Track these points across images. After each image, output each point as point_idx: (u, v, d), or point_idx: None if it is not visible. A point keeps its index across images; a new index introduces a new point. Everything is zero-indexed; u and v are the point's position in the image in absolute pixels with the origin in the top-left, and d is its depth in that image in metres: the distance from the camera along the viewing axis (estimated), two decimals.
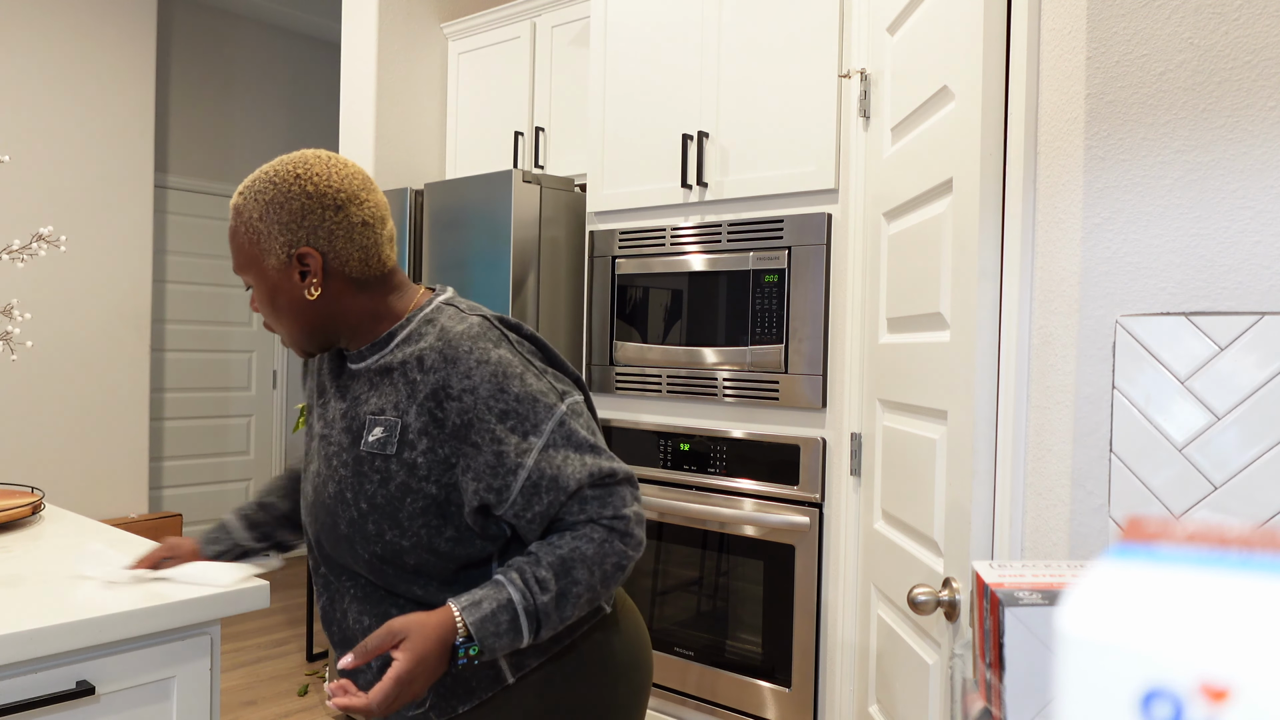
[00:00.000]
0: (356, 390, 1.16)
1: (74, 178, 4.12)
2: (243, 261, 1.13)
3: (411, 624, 1.00)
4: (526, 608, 1.04)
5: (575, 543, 1.07)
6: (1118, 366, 1.05)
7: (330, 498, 1.14)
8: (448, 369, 1.08)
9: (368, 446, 1.11)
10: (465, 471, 1.08)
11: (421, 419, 1.08)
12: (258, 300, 1.15)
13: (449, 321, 1.13)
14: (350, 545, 1.13)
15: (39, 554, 1.53)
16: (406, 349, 1.13)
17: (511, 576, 1.05)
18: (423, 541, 1.10)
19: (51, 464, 4.07)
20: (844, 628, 2.06)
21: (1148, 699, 0.21)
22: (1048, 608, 0.78)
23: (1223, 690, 0.20)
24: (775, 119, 2.26)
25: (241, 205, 1.12)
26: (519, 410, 1.08)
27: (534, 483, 1.07)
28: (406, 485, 1.09)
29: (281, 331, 1.16)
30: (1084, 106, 1.11)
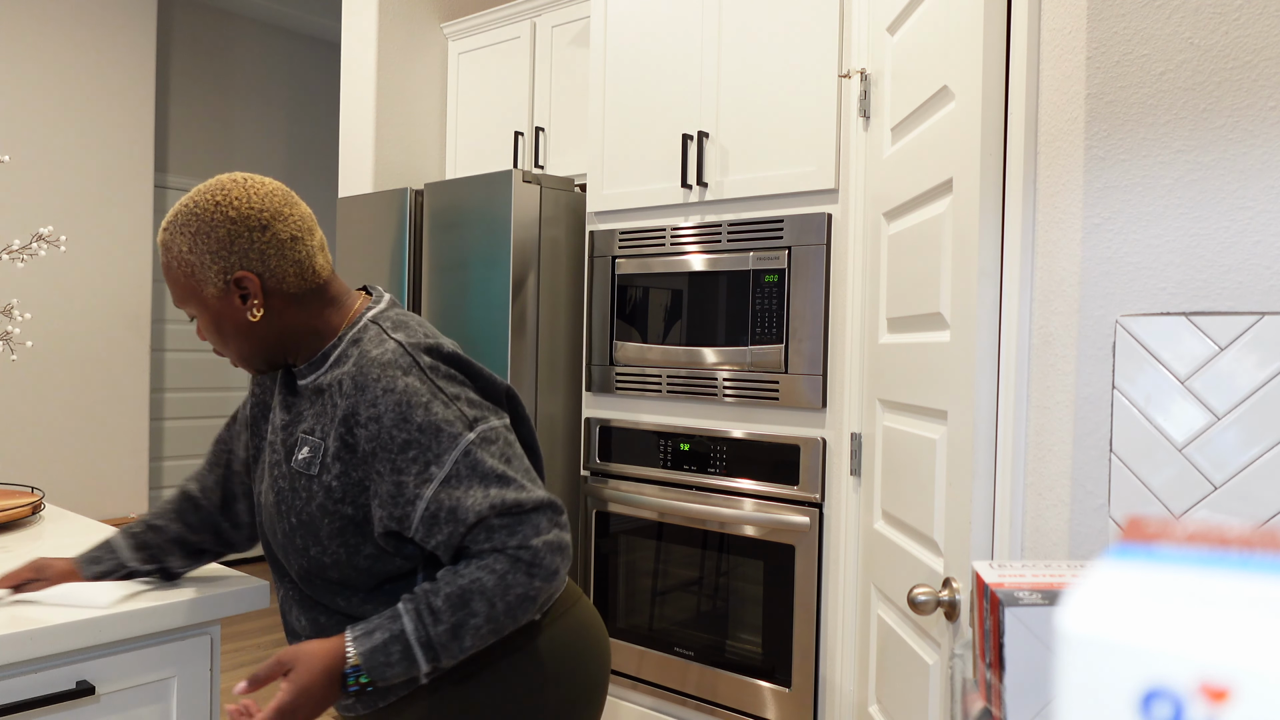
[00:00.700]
0: (299, 407, 1.18)
1: (74, 178, 4.12)
2: (181, 295, 1.15)
3: (300, 654, 1.04)
4: (420, 639, 1.04)
5: (478, 574, 1.06)
6: (1118, 366, 1.05)
7: (272, 507, 1.18)
8: (357, 396, 1.09)
9: (297, 464, 1.15)
10: (375, 496, 1.10)
11: (336, 443, 1.11)
12: (203, 329, 1.17)
13: (368, 345, 1.15)
14: (285, 553, 1.17)
15: (39, 554, 1.53)
16: (337, 370, 1.15)
17: (408, 607, 1.06)
18: (342, 559, 1.13)
19: (51, 464, 4.07)
20: (844, 628, 2.06)
21: (1148, 699, 0.21)
22: (1048, 608, 0.78)
23: (1223, 690, 0.20)
24: (775, 119, 2.26)
25: (169, 241, 1.13)
26: (421, 441, 1.07)
27: (432, 514, 1.07)
28: (324, 506, 1.12)
29: (232, 355, 1.18)
30: (1084, 106, 1.11)
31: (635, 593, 2.54)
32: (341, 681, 1.04)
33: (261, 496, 1.22)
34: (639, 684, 2.52)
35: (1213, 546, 0.25)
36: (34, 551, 1.55)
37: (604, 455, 2.62)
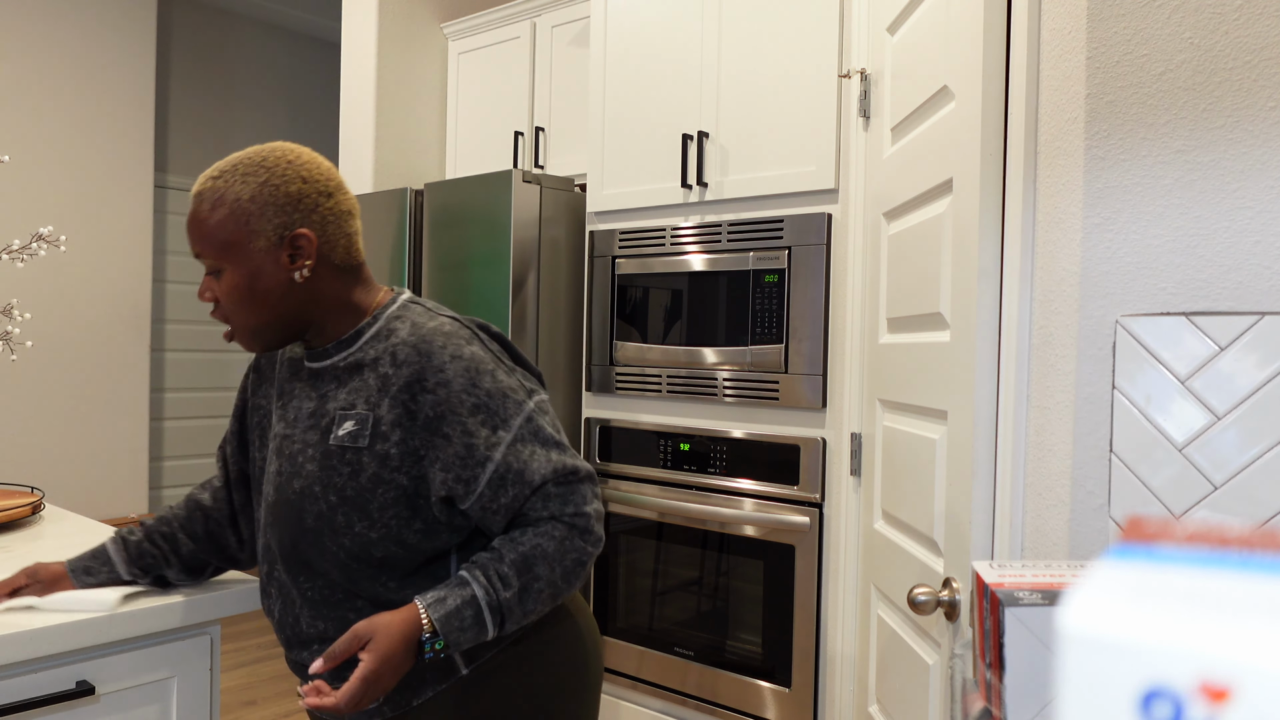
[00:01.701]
0: (323, 388, 1.17)
1: (74, 178, 4.12)
2: (220, 244, 1.12)
3: (376, 625, 1.04)
4: (490, 603, 1.07)
5: (537, 539, 1.10)
6: (1118, 366, 1.05)
7: (295, 494, 1.15)
8: (422, 362, 1.11)
9: (337, 440, 1.13)
10: (434, 463, 1.11)
11: (395, 411, 1.11)
12: (226, 286, 1.13)
13: (420, 318, 1.17)
14: (317, 539, 1.13)
15: (39, 554, 1.53)
16: (378, 345, 1.15)
17: (475, 573, 1.08)
18: (391, 533, 1.12)
19: (51, 464, 4.07)
20: (844, 628, 2.06)
21: (1148, 699, 0.21)
22: (1048, 608, 0.78)
23: (1223, 690, 0.20)
24: (775, 119, 2.26)
25: (224, 187, 1.12)
26: (489, 405, 1.11)
27: (500, 476, 1.10)
28: (378, 476, 1.11)
29: (245, 320, 1.14)
30: (1084, 106, 1.11)
31: (635, 593, 2.54)
32: (419, 649, 1.05)
33: (274, 491, 1.18)
34: (639, 684, 2.52)
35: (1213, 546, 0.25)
36: (34, 551, 1.55)
37: (604, 455, 2.62)
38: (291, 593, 1.18)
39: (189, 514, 1.32)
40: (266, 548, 1.20)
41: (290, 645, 1.20)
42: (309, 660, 1.18)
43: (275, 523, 1.18)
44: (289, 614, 1.19)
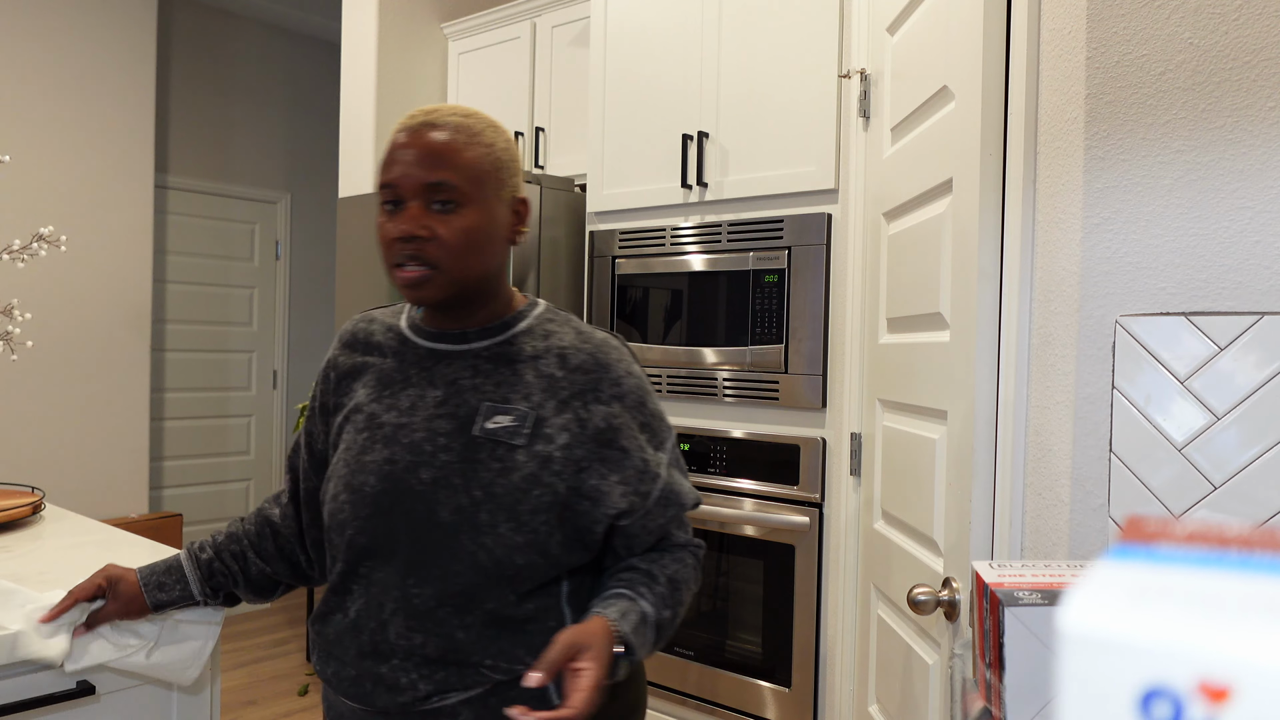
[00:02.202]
0: (452, 374, 1.10)
1: (74, 178, 4.12)
2: (471, 177, 1.05)
3: (588, 634, 0.96)
4: (658, 622, 1.05)
5: (676, 565, 1.11)
6: (1117, 366, 1.05)
7: (425, 484, 1.04)
8: (600, 373, 1.09)
9: (485, 432, 1.05)
10: (605, 476, 1.07)
11: (564, 416, 1.06)
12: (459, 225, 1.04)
13: (583, 327, 1.14)
14: (451, 536, 1.03)
15: (39, 554, 1.53)
16: (534, 342, 1.11)
17: (640, 590, 1.06)
18: (538, 540, 1.04)
19: (51, 464, 4.07)
20: (844, 628, 2.06)
21: (1147, 698, 0.21)
22: (1048, 608, 0.78)
23: (1223, 690, 0.20)
24: (775, 119, 2.26)
25: (477, 129, 1.07)
26: (653, 425, 1.12)
27: (665, 495, 1.11)
28: (535, 478, 1.04)
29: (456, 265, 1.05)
30: (1084, 106, 1.11)
31: None
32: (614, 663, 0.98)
33: (380, 480, 1.06)
34: None
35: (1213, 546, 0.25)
36: (34, 551, 1.55)
37: None
38: (388, 596, 1.05)
39: (259, 530, 1.23)
40: (352, 543, 1.07)
41: (361, 654, 1.06)
42: (375, 675, 1.04)
43: (382, 515, 1.05)
44: (372, 619, 1.06)
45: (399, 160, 1.05)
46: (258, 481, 5.16)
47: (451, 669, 1.03)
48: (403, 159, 1.04)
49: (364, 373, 1.15)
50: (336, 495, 1.09)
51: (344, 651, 1.08)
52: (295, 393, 5.32)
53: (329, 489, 1.11)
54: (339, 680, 1.08)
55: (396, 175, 1.04)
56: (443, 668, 1.03)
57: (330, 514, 1.10)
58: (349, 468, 1.09)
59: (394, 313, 1.20)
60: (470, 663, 1.03)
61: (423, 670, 1.03)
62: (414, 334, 1.14)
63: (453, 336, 1.12)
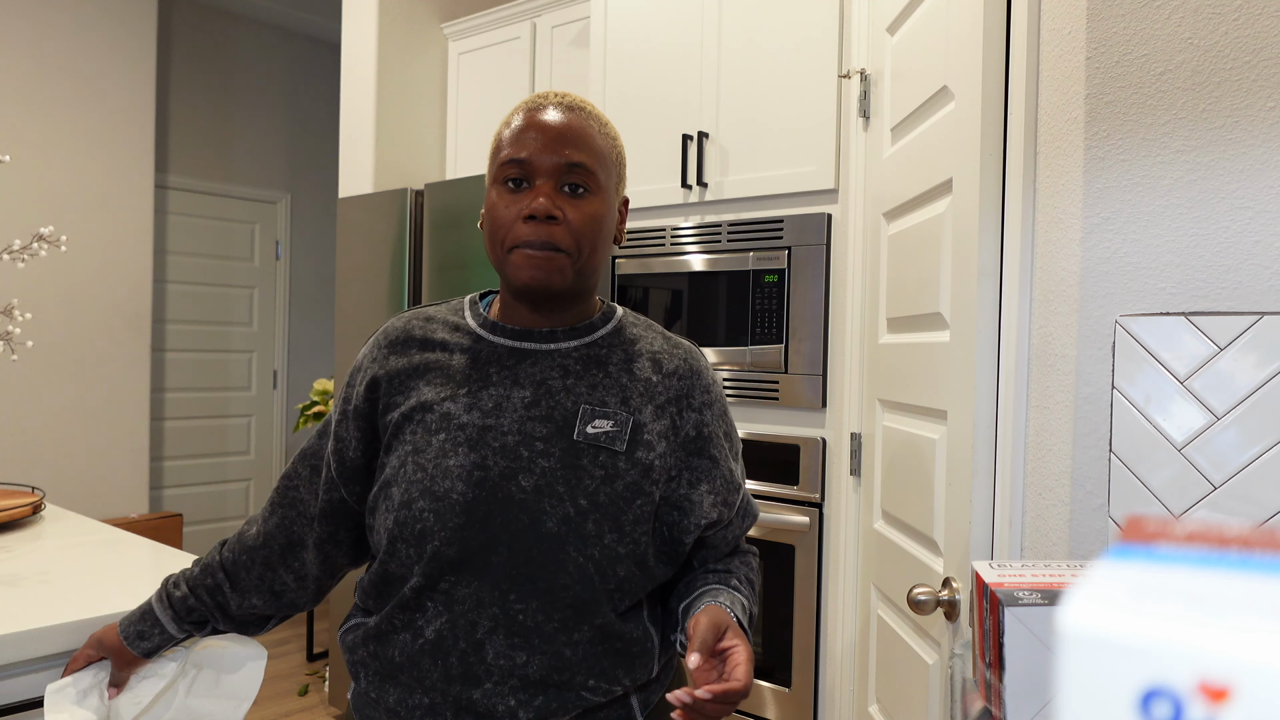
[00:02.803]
0: (539, 374, 1.02)
1: (74, 178, 4.12)
2: (604, 163, 1.02)
3: (724, 614, 0.95)
4: (751, 616, 1.05)
5: (746, 568, 1.12)
6: (1117, 366, 1.05)
7: (527, 492, 0.96)
8: (693, 379, 1.07)
9: (586, 438, 0.99)
10: (697, 484, 1.04)
11: (662, 422, 1.03)
12: (589, 210, 1.00)
13: (665, 332, 1.13)
14: (559, 547, 0.96)
15: (39, 554, 1.53)
16: (620, 345, 1.06)
17: (734, 584, 1.06)
18: (638, 551, 0.99)
19: (51, 464, 4.07)
20: (844, 628, 2.06)
21: (1147, 698, 0.21)
22: (1047, 608, 0.78)
23: (1223, 690, 0.20)
24: (775, 119, 2.27)
25: (609, 123, 1.06)
26: (732, 435, 1.11)
27: (744, 505, 1.11)
28: (638, 487, 0.99)
29: (583, 251, 1.00)
30: (1084, 106, 1.11)
31: None
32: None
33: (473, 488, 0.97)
34: None
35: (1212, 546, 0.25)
36: (34, 551, 1.55)
37: None
38: (482, 614, 0.96)
39: (235, 559, 1.13)
40: (437, 555, 0.96)
41: (449, 679, 0.96)
42: (465, 701, 0.96)
43: (477, 525, 0.96)
44: (462, 639, 0.96)
45: (531, 138, 0.98)
46: (258, 481, 5.16)
47: (552, 691, 0.96)
48: (536, 137, 0.98)
49: (429, 371, 1.04)
50: (411, 502, 0.97)
51: (421, 676, 0.97)
52: (295, 393, 5.32)
53: (394, 495, 0.99)
54: (407, 709, 0.98)
55: (530, 152, 0.98)
56: (543, 691, 0.96)
57: (401, 523, 0.98)
58: (424, 472, 0.98)
59: (452, 310, 1.11)
60: (574, 684, 0.97)
61: (521, 695, 0.95)
62: (489, 332, 1.06)
63: (540, 335, 1.04)
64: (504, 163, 0.99)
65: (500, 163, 1.00)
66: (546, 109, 1.01)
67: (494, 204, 1.00)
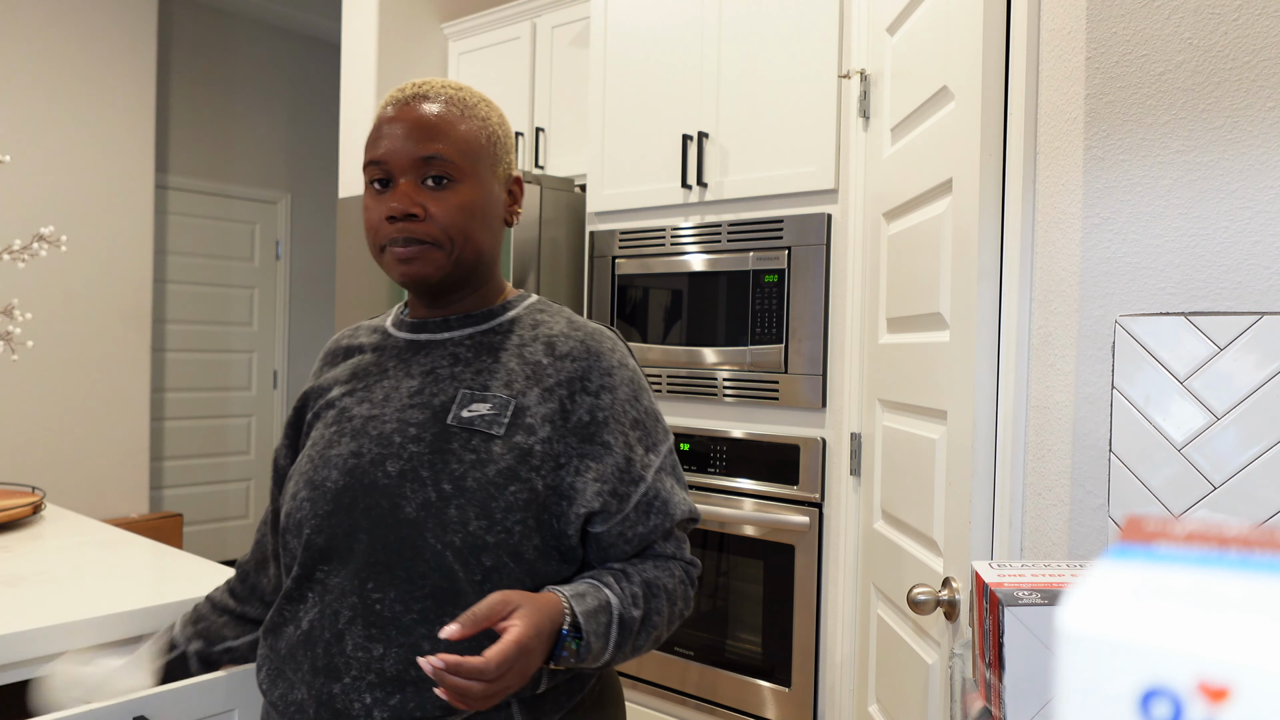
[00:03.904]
0: (430, 363, 1.03)
1: (74, 178, 4.12)
2: (467, 152, 0.99)
3: (523, 596, 0.87)
4: (622, 616, 0.94)
5: (658, 573, 1.02)
6: (1117, 366, 1.05)
7: (390, 478, 0.95)
8: (590, 361, 1.01)
9: (460, 421, 0.97)
10: (585, 472, 0.98)
11: (548, 405, 0.98)
12: (456, 201, 0.98)
13: (576, 317, 1.08)
14: (417, 533, 0.93)
15: (39, 554, 1.53)
16: (521, 331, 1.04)
17: (607, 580, 0.97)
18: (511, 541, 0.94)
19: (51, 464, 4.07)
20: (844, 627, 2.06)
21: (1147, 698, 0.21)
22: (1047, 608, 0.78)
23: (1223, 690, 0.20)
24: (775, 119, 2.26)
25: (470, 101, 1.02)
26: (646, 424, 1.04)
27: (649, 500, 1.02)
28: (512, 472, 0.95)
29: (456, 242, 0.99)
30: (1084, 106, 1.11)
31: None
32: (556, 642, 0.88)
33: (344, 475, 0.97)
34: (639, 684, 2.52)
35: (1212, 546, 0.25)
36: (34, 551, 1.55)
37: None
38: (344, 603, 0.95)
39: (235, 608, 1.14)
40: (309, 544, 0.97)
41: (315, 670, 0.94)
42: (325, 696, 0.93)
43: (342, 511, 0.96)
44: (327, 629, 0.95)
45: (387, 135, 0.98)
46: (258, 481, 5.16)
47: (410, 689, 0.91)
48: (391, 133, 0.98)
49: (344, 374, 1.08)
50: (296, 493, 1.00)
51: (295, 668, 0.96)
52: (295, 393, 5.32)
53: (289, 489, 1.02)
54: (285, 705, 0.96)
55: (385, 151, 0.98)
56: (400, 688, 0.91)
57: (288, 514, 1.00)
58: (312, 463, 1.00)
59: (385, 315, 1.14)
60: (432, 682, 0.91)
61: (378, 693, 0.91)
62: (396, 328, 1.08)
63: (434, 325, 1.05)
64: (366, 164, 1.00)
65: (365, 164, 1.00)
66: (404, 103, 1.00)
67: (365, 207, 1.01)
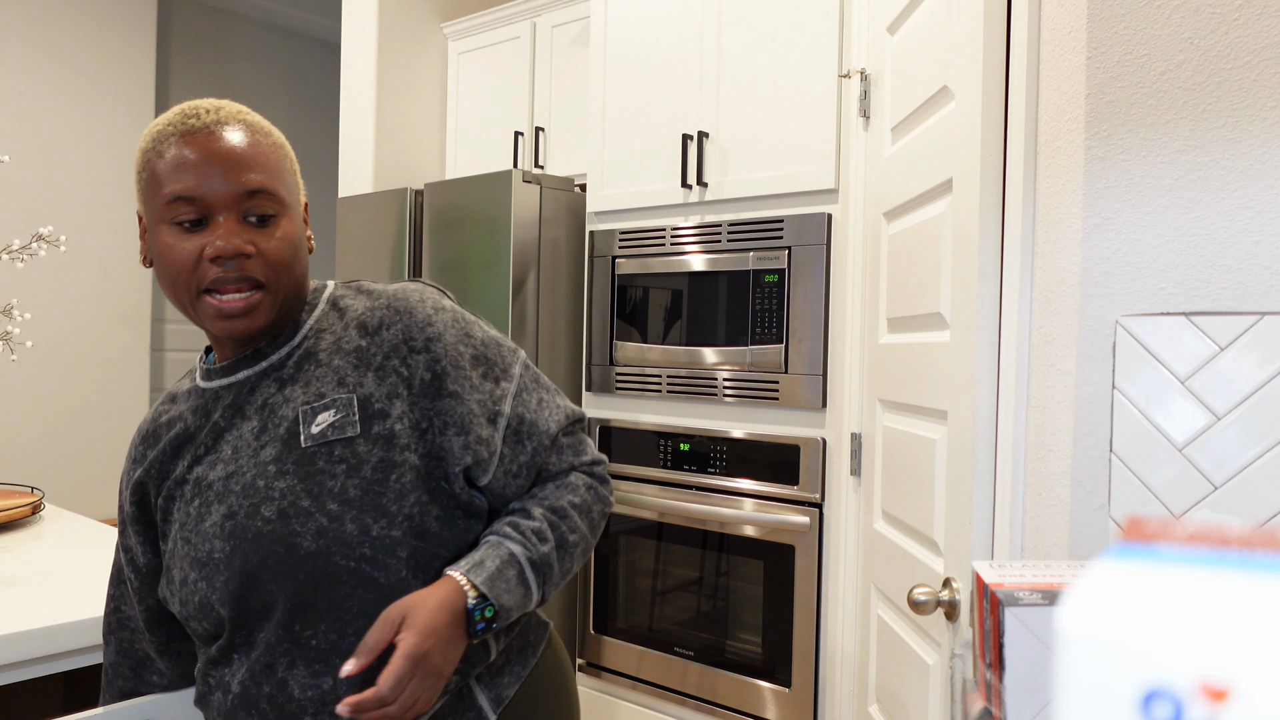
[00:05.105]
0: (259, 398, 0.97)
1: (74, 178, 4.12)
2: (281, 181, 0.93)
3: (410, 602, 0.86)
4: (531, 559, 0.94)
5: (561, 490, 1.00)
6: (1118, 366, 1.05)
7: (272, 522, 0.90)
8: (405, 320, 0.97)
9: (314, 440, 0.92)
10: (446, 429, 0.95)
11: (387, 383, 0.94)
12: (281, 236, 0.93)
13: (376, 287, 1.02)
14: (324, 562, 0.90)
15: (39, 554, 1.53)
16: (332, 327, 0.99)
17: (505, 531, 0.95)
18: (415, 524, 0.92)
19: (51, 464, 4.07)
20: (844, 627, 2.06)
21: (1148, 699, 0.21)
22: (1048, 608, 0.78)
23: (1223, 690, 0.20)
24: (775, 119, 2.26)
25: (264, 125, 0.95)
26: (487, 355, 0.99)
27: (514, 430, 0.98)
28: (387, 462, 0.92)
29: (282, 282, 0.94)
30: (1084, 106, 1.11)
31: (635, 593, 2.54)
32: (467, 620, 0.89)
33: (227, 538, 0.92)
34: (639, 684, 2.52)
35: (1213, 546, 0.25)
36: (34, 551, 1.55)
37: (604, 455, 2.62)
38: (276, 652, 0.92)
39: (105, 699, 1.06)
40: (222, 620, 0.93)
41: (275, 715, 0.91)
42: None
43: (240, 574, 0.91)
44: (266, 684, 0.91)
45: (193, 167, 0.88)
46: None
47: None
48: (199, 165, 0.88)
49: (176, 447, 1.00)
50: (185, 579, 0.93)
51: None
52: None
53: (172, 578, 0.95)
54: None
55: (197, 185, 0.88)
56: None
57: (184, 602, 0.93)
58: (189, 544, 0.94)
59: (189, 375, 1.05)
60: None
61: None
62: (207, 380, 1.00)
63: (247, 360, 0.98)
64: (170, 200, 0.88)
65: (165, 200, 0.88)
66: (204, 132, 0.90)
67: (168, 247, 0.89)
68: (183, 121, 0.90)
